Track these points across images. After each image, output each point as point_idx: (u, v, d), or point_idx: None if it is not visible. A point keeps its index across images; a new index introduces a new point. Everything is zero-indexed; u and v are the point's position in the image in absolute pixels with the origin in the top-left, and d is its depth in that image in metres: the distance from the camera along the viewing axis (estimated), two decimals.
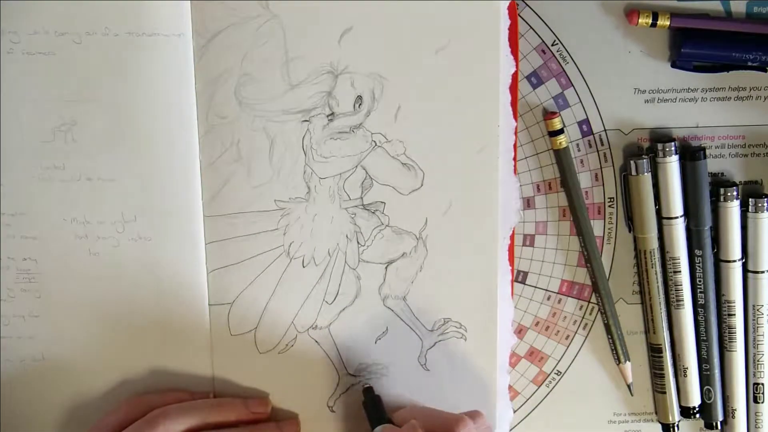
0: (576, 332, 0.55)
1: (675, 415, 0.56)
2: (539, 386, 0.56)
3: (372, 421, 0.51)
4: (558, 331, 0.55)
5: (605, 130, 0.53)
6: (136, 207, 0.51)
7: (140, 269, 0.51)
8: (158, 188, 0.51)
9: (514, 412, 0.56)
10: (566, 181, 0.53)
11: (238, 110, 0.50)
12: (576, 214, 0.54)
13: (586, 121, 0.53)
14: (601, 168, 0.54)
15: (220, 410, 0.51)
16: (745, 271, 0.54)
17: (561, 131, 0.53)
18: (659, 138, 0.53)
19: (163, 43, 0.49)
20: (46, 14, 0.48)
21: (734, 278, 0.54)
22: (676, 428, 0.56)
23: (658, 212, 0.53)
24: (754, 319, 0.54)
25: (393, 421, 0.50)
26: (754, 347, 0.55)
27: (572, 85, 0.53)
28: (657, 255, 0.54)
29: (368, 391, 0.52)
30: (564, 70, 0.52)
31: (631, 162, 0.53)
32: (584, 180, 0.54)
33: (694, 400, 0.55)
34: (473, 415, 0.48)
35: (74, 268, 0.51)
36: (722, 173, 0.54)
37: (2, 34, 0.49)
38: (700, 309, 0.54)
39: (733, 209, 0.53)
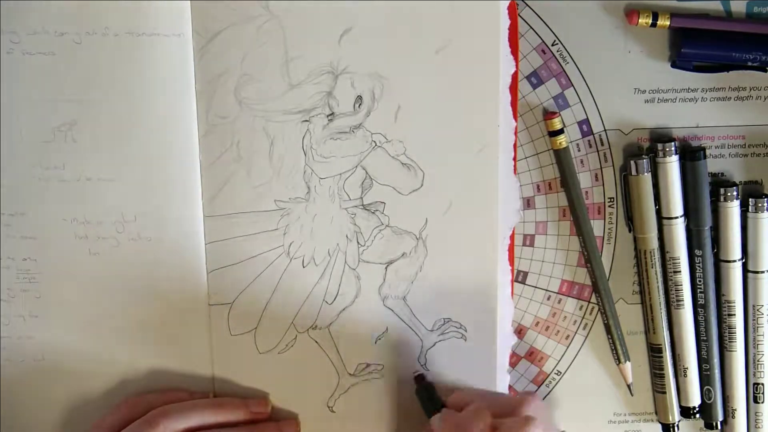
0: (576, 332, 0.55)
1: (675, 415, 0.56)
2: (539, 386, 0.56)
3: (427, 409, 0.50)
4: (558, 331, 0.55)
5: (605, 130, 0.53)
6: (136, 207, 0.51)
7: (140, 269, 0.51)
8: (158, 188, 0.51)
9: None
10: (566, 181, 0.53)
11: (238, 110, 0.50)
12: (576, 214, 0.54)
13: (586, 121, 0.53)
14: (601, 168, 0.54)
15: (220, 410, 0.51)
16: (745, 271, 0.54)
17: (561, 131, 0.53)
18: (659, 138, 0.53)
19: (163, 43, 0.49)
20: (46, 14, 0.49)
21: (734, 278, 0.54)
22: (676, 428, 0.56)
23: (658, 212, 0.53)
24: (754, 319, 0.54)
25: (447, 405, 0.49)
26: (754, 347, 0.55)
27: (572, 85, 0.53)
28: (657, 255, 0.54)
29: (420, 379, 0.52)
30: (564, 70, 0.52)
31: (631, 162, 0.53)
32: (584, 180, 0.54)
33: (694, 400, 0.55)
34: (530, 395, 0.47)
35: (74, 268, 0.51)
36: (722, 173, 0.54)
37: (2, 34, 0.49)
38: (700, 309, 0.54)
39: (733, 209, 0.53)
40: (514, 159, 0.52)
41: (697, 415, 0.56)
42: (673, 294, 0.54)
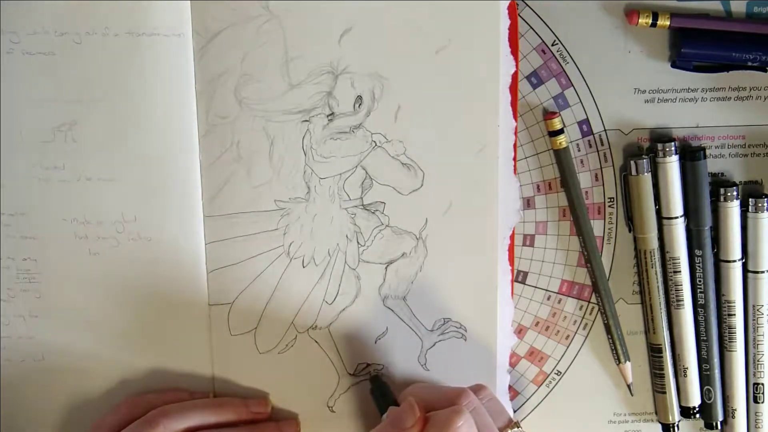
0: (576, 332, 0.56)
1: (675, 415, 0.56)
2: (539, 386, 0.56)
3: (380, 408, 0.50)
4: (558, 331, 0.55)
5: (605, 130, 0.53)
6: (136, 207, 0.51)
7: (140, 269, 0.51)
8: (158, 188, 0.51)
9: (514, 412, 0.56)
10: (566, 181, 0.53)
11: (238, 110, 0.50)
12: (576, 214, 0.54)
13: (586, 121, 0.53)
14: (601, 168, 0.54)
15: (220, 410, 0.51)
16: (745, 271, 0.54)
17: (561, 131, 0.53)
18: (659, 138, 0.53)
19: (163, 43, 0.49)
20: (46, 14, 0.49)
21: (734, 278, 0.54)
22: (676, 428, 0.56)
23: (658, 212, 0.53)
24: (754, 319, 0.54)
25: (398, 402, 0.50)
26: (754, 347, 0.55)
27: (572, 85, 0.53)
28: (657, 255, 0.54)
29: (375, 380, 0.52)
30: (564, 70, 0.52)
31: (631, 162, 0.53)
32: (584, 180, 0.54)
33: (694, 400, 0.55)
34: (476, 388, 0.48)
35: (74, 268, 0.51)
36: (722, 173, 0.54)
37: (2, 34, 0.49)
38: (700, 309, 0.54)
39: (733, 209, 0.53)
40: (514, 159, 0.52)
41: (697, 415, 0.56)
42: (673, 294, 0.54)
